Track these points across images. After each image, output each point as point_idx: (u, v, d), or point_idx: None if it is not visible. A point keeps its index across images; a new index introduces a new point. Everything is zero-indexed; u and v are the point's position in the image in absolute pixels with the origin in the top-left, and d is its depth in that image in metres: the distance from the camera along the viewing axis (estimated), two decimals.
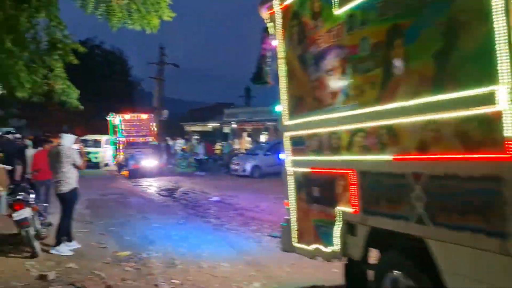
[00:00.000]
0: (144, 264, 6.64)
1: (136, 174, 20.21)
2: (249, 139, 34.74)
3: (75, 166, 7.19)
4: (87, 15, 5.82)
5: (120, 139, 22.83)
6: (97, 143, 27.01)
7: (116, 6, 6.72)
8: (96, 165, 25.32)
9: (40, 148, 10.44)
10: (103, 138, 27.59)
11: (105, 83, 37.10)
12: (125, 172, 21.56)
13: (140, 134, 22.81)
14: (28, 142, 12.39)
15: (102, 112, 37.51)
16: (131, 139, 22.23)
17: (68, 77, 6.11)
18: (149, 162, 20.93)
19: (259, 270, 6.49)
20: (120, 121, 22.67)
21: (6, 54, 4.91)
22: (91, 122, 35.23)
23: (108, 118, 24.55)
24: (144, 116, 23.36)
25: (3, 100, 27.63)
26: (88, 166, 21.71)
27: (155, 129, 24.34)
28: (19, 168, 9.77)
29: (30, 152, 10.21)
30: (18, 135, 14.17)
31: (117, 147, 23.98)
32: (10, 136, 12.68)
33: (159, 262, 6.75)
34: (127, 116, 22.95)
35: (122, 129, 22.74)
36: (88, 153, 23.65)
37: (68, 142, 7.27)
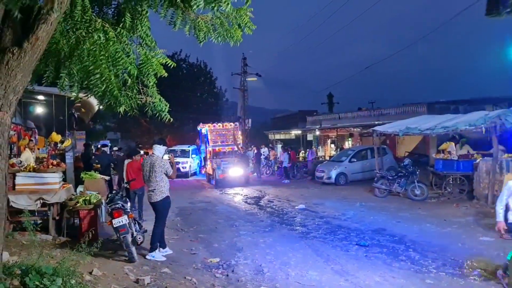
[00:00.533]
0: (233, 270, 6.77)
1: (224, 183, 20.31)
2: (333, 145, 34.27)
3: (167, 175, 7.55)
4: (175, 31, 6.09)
5: (208, 148, 22.56)
6: (185, 153, 27.98)
7: (202, 22, 6.94)
8: (185, 175, 26.12)
9: (133, 159, 11.17)
10: (190, 148, 28.55)
11: (192, 95, 38.68)
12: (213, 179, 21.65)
13: (226, 143, 22.37)
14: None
15: (190, 123, 39.18)
16: (217, 148, 21.97)
17: (158, 90, 6.43)
18: (235, 171, 20.75)
19: (347, 279, 6.34)
20: (206, 131, 22.71)
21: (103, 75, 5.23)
22: (179, 133, 36.86)
23: (199, 128, 24.62)
24: (229, 125, 22.91)
25: (102, 116, 29.89)
26: (177, 176, 22.88)
27: (241, 138, 23.87)
28: (116, 178, 10.51)
29: (124, 163, 10.96)
30: (115, 148, 15.25)
31: (206, 156, 24.01)
32: (105, 148, 13.64)
33: (247, 269, 6.85)
34: (213, 126, 22.77)
35: (209, 139, 22.40)
36: (177, 163, 24.68)
37: (159, 152, 7.67)
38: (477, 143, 16.41)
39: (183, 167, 26.37)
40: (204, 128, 23.31)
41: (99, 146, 16.33)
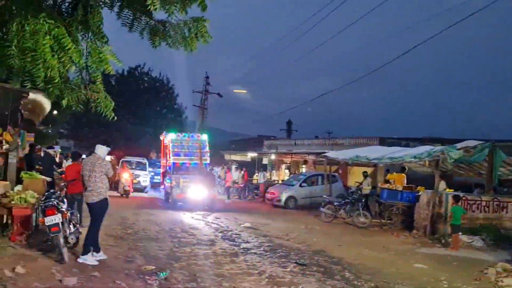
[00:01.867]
0: (166, 278, 6.63)
1: (182, 204, 17.51)
2: (287, 171, 34.57)
3: (108, 176, 7.37)
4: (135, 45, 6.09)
5: (168, 161, 19.13)
6: (141, 166, 25.42)
7: (160, 26, 7.00)
8: (142, 189, 23.71)
9: (73, 162, 10.87)
10: (146, 161, 26.47)
11: (151, 109, 38.29)
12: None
13: (190, 158, 18.96)
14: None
15: (146, 136, 38.64)
16: (178, 162, 18.60)
17: (105, 87, 6.37)
18: (197, 191, 17.26)
19: None
20: (172, 141, 19.13)
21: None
22: (135, 145, 36.17)
23: (161, 137, 21.21)
24: (197, 137, 19.52)
25: (54, 120, 28.96)
26: (134, 189, 22.06)
27: (208, 154, 19.69)
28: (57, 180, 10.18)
29: (65, 165, 10.67)
30: (57, 149, 14.82)
31: (165, 171, 20.11)
32: (50, 150, 13.24)
33: (181, 277, 6.73)
34: (178, 136, 19.31)
35: (171, 151, 18.80)
36: (137, 175, 23.23)
37: (101, 153, 7.47)
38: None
39: (143, 180, 23.98)
40: (167, 137, 20.01)
41: (38, 146, 15.77)
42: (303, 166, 34.18)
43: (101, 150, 7.49)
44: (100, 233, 7.64)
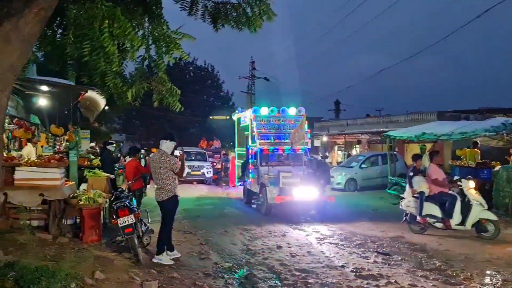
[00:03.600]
0: (247, 277, 6.23)
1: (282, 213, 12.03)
2: (340, 152, 33.72)
3: (174, 173, 6.97)
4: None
5: (253, 147, 13.79)
6: (201, 156, 23.56)
7: (221, 8, 6.52)
8: (206, 180, 22.30)
9: (131, 158, 10.68)
10: (204, 151, 25.09)
11: (198, 98, 38.27)
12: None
13: (284, 141, 13.75)
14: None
15: (196, 126, 38.78)
16: (268, 148, 13.49)
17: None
18: (306, 191, 11.67)
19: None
20: (251, 120, 13.90)
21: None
22: (185, 136, 36.37)
23: (235, 117, 16.52)
24: (292, 111, 14.07)
25: (107, 117, 29.44)
26: (198, 182, 21.56)
27: (307, 135, 14.13)
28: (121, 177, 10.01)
29: (123, 161, 10.49)
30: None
31: (247, 161, 14.41)
32: (110, 146, 13.16)
33: (261, 275, 6.31)
34: (264, 111, 13.77)
35: (255, 132, 13.54)
36: (200, 167, 21.99)
37: (166, 148, 7.07)
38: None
39: (207, 172, 22.12)
40: (244, 115, 15.21)
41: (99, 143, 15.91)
42: (357, 146, 33.21)
43: (166, 145, 7.07)
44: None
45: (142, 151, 12.82)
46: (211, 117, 38.44)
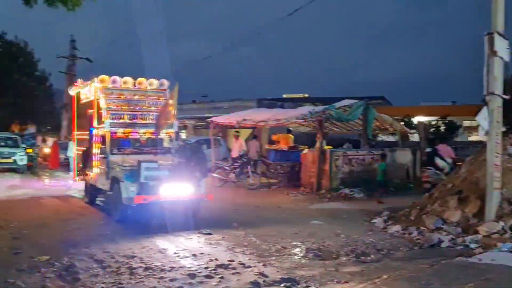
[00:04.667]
0: (67, 269, 6.00)
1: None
2: None
3: None
4: None
5: (99, 130, 10.69)
6: (12, 141, 20.55)
7: None
8: (15, 170, 19.59)
9: None
10: (16, 136, 21.98)
11: (8, 77, 34.00)
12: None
13: (143, 120, 10.83)
14: None
15: (6, 108, 34.40)
16: (124, 131, 10.56)
17: None
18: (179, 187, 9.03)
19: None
20: (99, 92, 10.73)
21: None
22: None
23: (72, 91, 13.28)
24: (154, 83, 11.20)
25: None
26: (9, 170, 19.06)
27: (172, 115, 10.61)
28: None
29: None
30: None
31: (88, 149, 11.14)
32: None
33: (84, 266, 6.14)
34: (114, 82, 10.79)
35: (105, 108, 10.48)
36: (12, 154, 19.42)
37: None
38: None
39: (20, 159, 19.53)
40: (88, 88, 11.64)
41: None
42: (183, 131, 33.76)
43: None
44: None
45: None
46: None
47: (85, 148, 11.53)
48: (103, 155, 10.33)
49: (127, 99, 10.86)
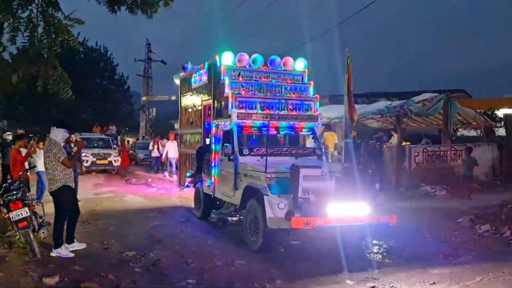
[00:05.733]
0: (154, 264, 6.20)
1: None
2: None
3: (61, 163, 6.44)
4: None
5: (226, 123, 8.23)
6: (104, 142, 20.84)
7: None
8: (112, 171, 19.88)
9: (13, 146, 10.05)
10: (108, 137, 22.35)
11: (90, 81, 36.17)
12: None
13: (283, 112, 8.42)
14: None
15: (89, 111, 36.65)
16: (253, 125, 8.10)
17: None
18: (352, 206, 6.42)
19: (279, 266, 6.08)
20: (229, 70, 8.48)
21: None
22: (77, 122, 34.30)
23: (177, 79, 11.27)
24: (290, 63, 8.98)
25: None
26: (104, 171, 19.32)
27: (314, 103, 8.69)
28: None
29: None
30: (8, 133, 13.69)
31: (206, 147, 9.35)
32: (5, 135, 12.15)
33: (169, 262, 6.32)
34: (241, 61, 8.60)
35: (231, 95, 8.06)
36: (106, 155, 19.51)
37: (55, 135, 6.57)
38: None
39: (114, 160, 19.65)
40: (201, 71, 9.56)
41: None
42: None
43: (54, 132, 6.55)
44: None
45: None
46: (144, 98, 35.83)
47: (198, 148, 9.50)
48: (227, 156, 7.81)
49: (258, 83, 8.53)
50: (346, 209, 6.28)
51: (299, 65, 9.03)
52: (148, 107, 37.43)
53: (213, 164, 8.66)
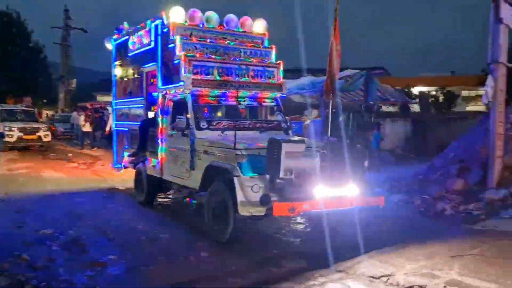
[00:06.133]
0: (74, 241, 6.00)
1: None
2: None
3: None
4: None
5: (179, 90, 7.07)
6: (30, 115, 18.88)
7: None
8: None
9: None
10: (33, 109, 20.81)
11: (0, 49, 33.36)
12: None
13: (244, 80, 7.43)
14: None
15: (2, 82, 33.84)
16: (210, 94, 7.08)
17: None
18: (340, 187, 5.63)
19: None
20: (179, 30, 7.32)
21: None
22: None
23: (108, 44, 10.02)
24: (249, 24, 8.08)
25: None
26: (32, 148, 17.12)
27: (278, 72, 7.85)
28: None
29: None
30: None
31: (150, 121, 8.16)
32: None
33: (90, 238, 6.15)
34: (195, 20, 7.54)
35: (184, 58, 6.82)
36: (35, 129, 17.63)
37: None
38: None
39: (44, 135, 17.77)
40: (141, 31, 8.34)
41: None
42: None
43: None
44: None
45: None
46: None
47: (140, 123, 8.28)
48: (180, 131, 6.75)
49: (214, 45, 7.45)
50: (334, 191, 5.47)
51: (258, 26, 8.10)
52: (68, 78, 35.45)
53: (159, 141, 7.49)
